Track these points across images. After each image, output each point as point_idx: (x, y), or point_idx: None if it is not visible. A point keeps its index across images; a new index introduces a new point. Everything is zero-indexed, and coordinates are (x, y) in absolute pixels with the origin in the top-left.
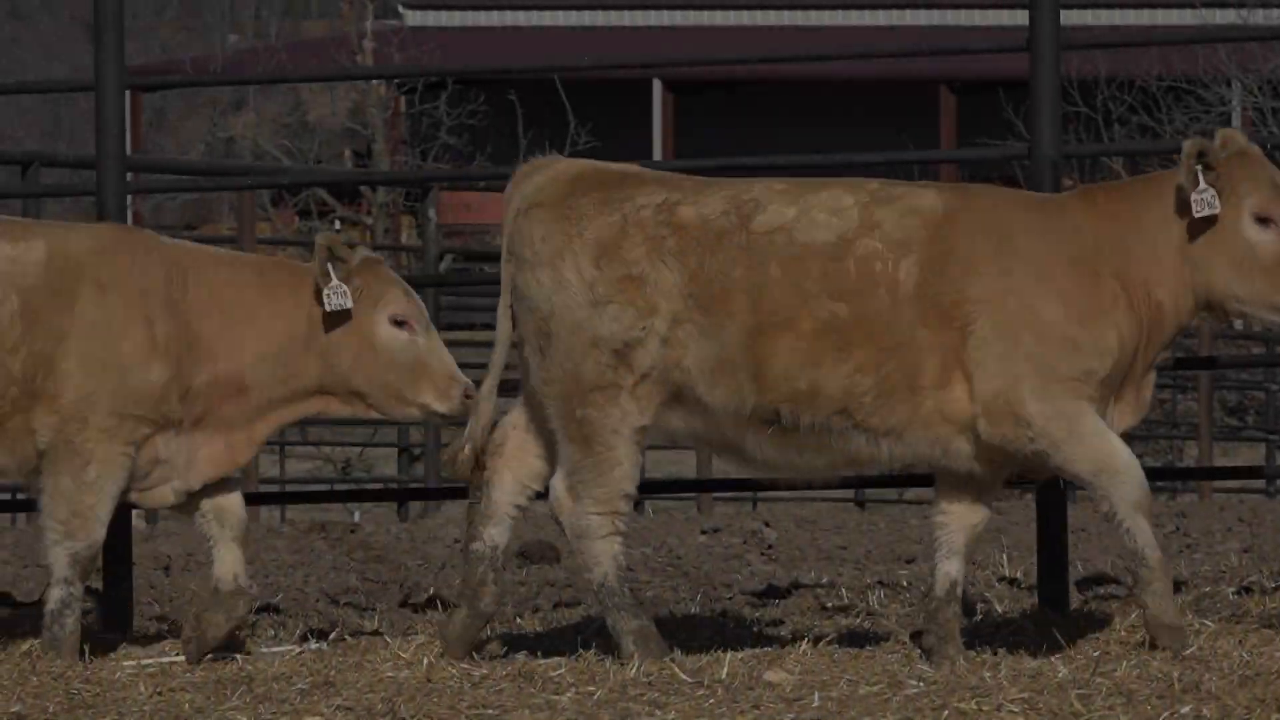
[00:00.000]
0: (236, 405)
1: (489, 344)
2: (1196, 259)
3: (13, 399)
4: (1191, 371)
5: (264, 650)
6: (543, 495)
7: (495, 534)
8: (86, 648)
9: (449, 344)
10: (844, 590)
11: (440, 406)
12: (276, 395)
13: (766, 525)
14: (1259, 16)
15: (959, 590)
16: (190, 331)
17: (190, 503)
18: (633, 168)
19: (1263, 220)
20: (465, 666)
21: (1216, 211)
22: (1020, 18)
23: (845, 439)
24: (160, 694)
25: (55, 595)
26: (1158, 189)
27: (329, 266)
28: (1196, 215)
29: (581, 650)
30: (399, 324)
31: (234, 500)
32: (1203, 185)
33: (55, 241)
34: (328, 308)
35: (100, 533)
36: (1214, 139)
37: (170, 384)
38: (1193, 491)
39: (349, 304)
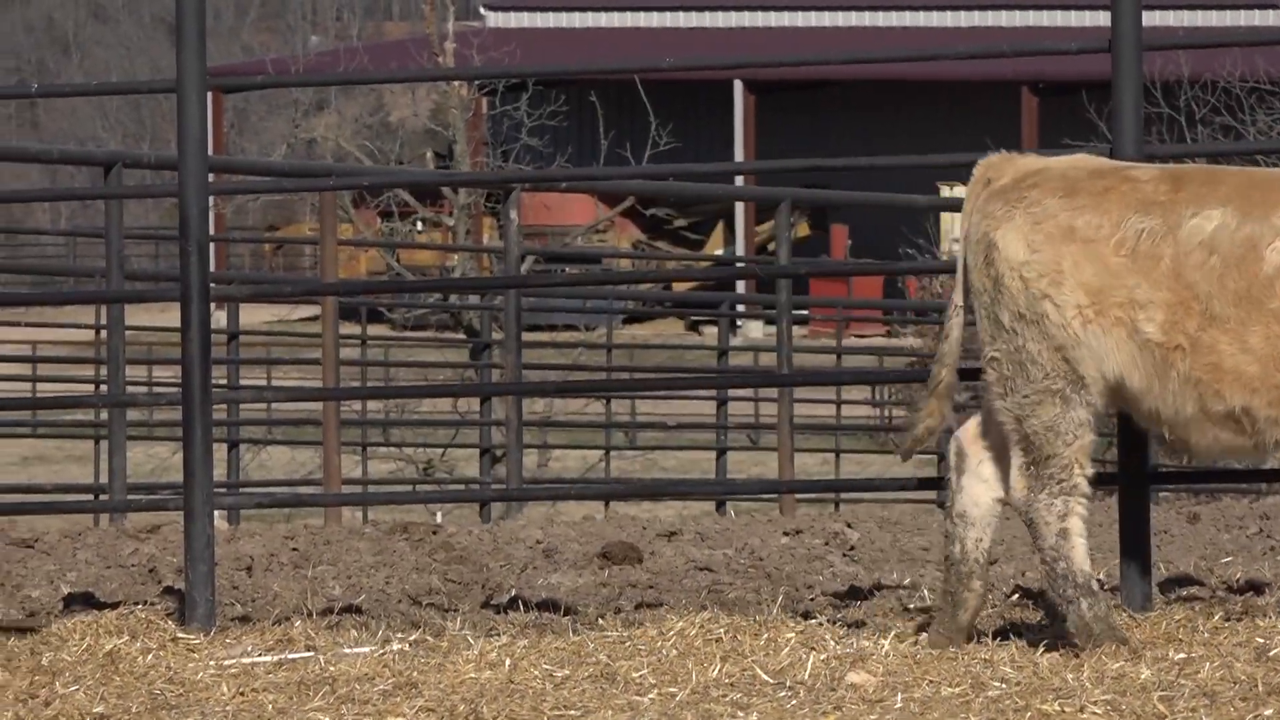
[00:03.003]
0: None
1: (569, 345)
2: None
3: None
4: None
5: (346, 651)
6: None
7: (973, 538)
8: (169, 647)
9: (528, 346)
10: (926, 591)
11: None
12: None
13: (849, 526)
14: None
15: None
16: None
17: None
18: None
19: None
20: (548, 667)
21: None
22: (1102, 18)
23: None
24: (243, 694)
25: None
26: None
27: None
28: None
29: (663, 651)
30: None
31: None
32: None
33: None
34: None
35: None
36: None
37: None
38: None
39: None
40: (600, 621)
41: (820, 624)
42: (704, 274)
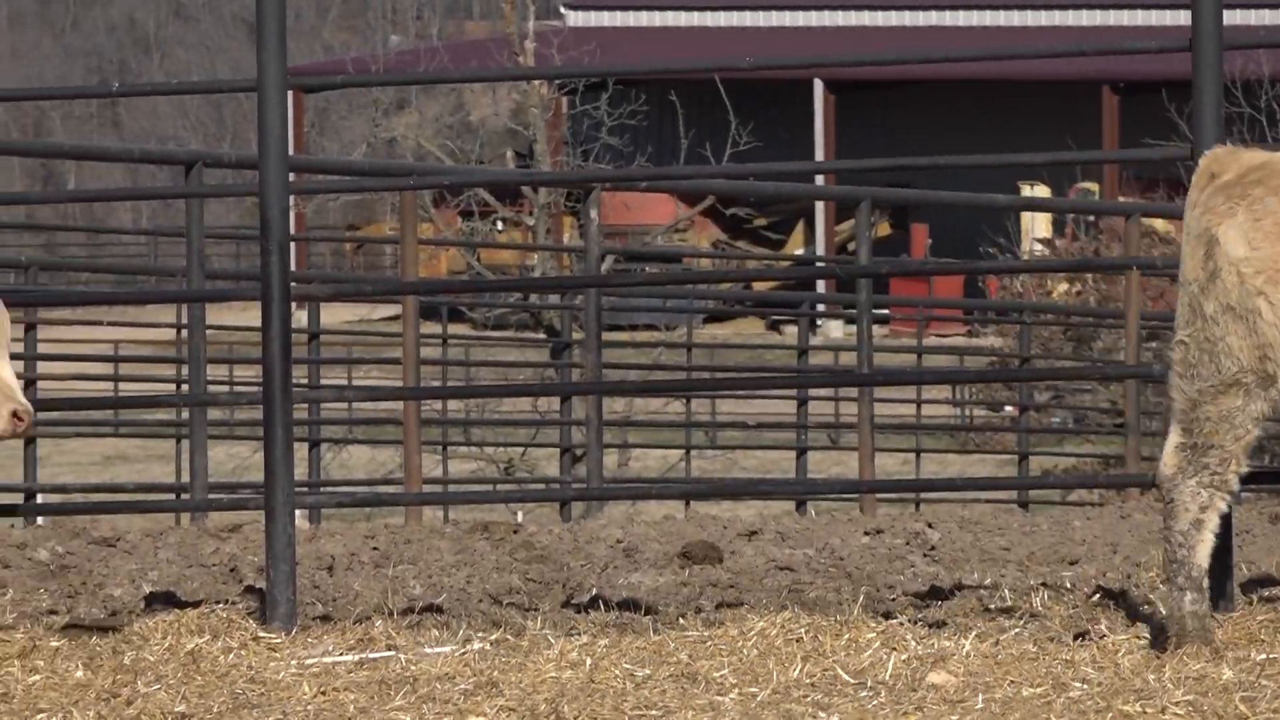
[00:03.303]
0: None
1: (650, 344)
2: None
3: None
4: None
5: (427, 650)
6: None
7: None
8: (251, 646)
9: (608, 345)
10: (1007, 592)
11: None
12: None
13: (929, 526)
14: None
15: None
16: None
17: None
18: None
19: None
20: (629, 667)
21: None
22: (1183, 17)
23: None
24: (324, 694)
25: None
26: None
27: None
28: None
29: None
30: None
31: None
32: None
33: None
34: None
35: None
36: None
37: None
38: None
39: None
40: (681, 621)
41: (901, 624)
42: (784, 273)
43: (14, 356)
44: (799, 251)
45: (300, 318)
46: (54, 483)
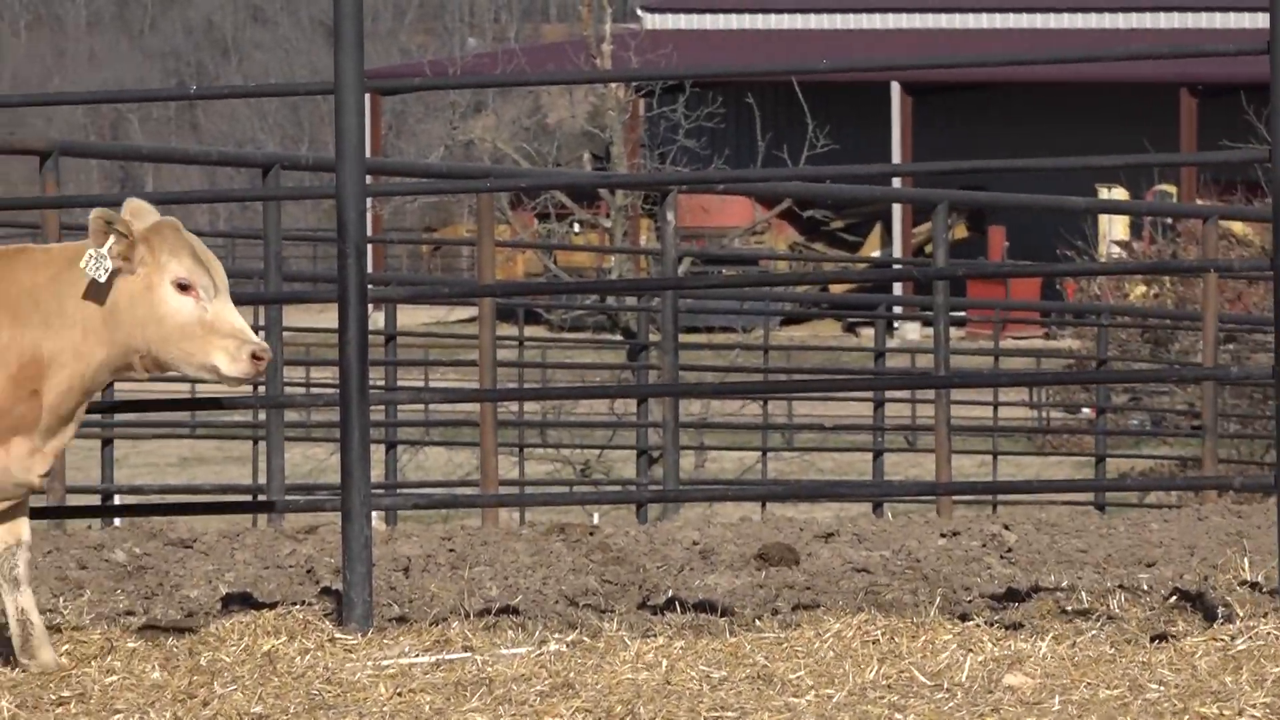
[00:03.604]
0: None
1: (726, 346)
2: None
3: None
4: None
5: (503, 652)
6: None
7: None
8: (327, 647)
9: (685, 347)
10: (1084, 594)
11: (230, 369)
12: None
13: (1006, 528)
14: None
15: None
16: None
17: None
18: None
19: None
20: (705, 669)
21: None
22: (1261, 20)
23: None
24: (400, 695)
25: None
26: None
27: (106, 239)
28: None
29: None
30: (183, 289)
31: None
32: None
33: None
34: (86, 277)
35: None
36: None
37: None
38: None
39: (103, 274)
40: (757, 623)
41: (978, 626)
42: (861, 276)
43: None
44: (876, 254)
45: (377, 319)
46: (131, 484)
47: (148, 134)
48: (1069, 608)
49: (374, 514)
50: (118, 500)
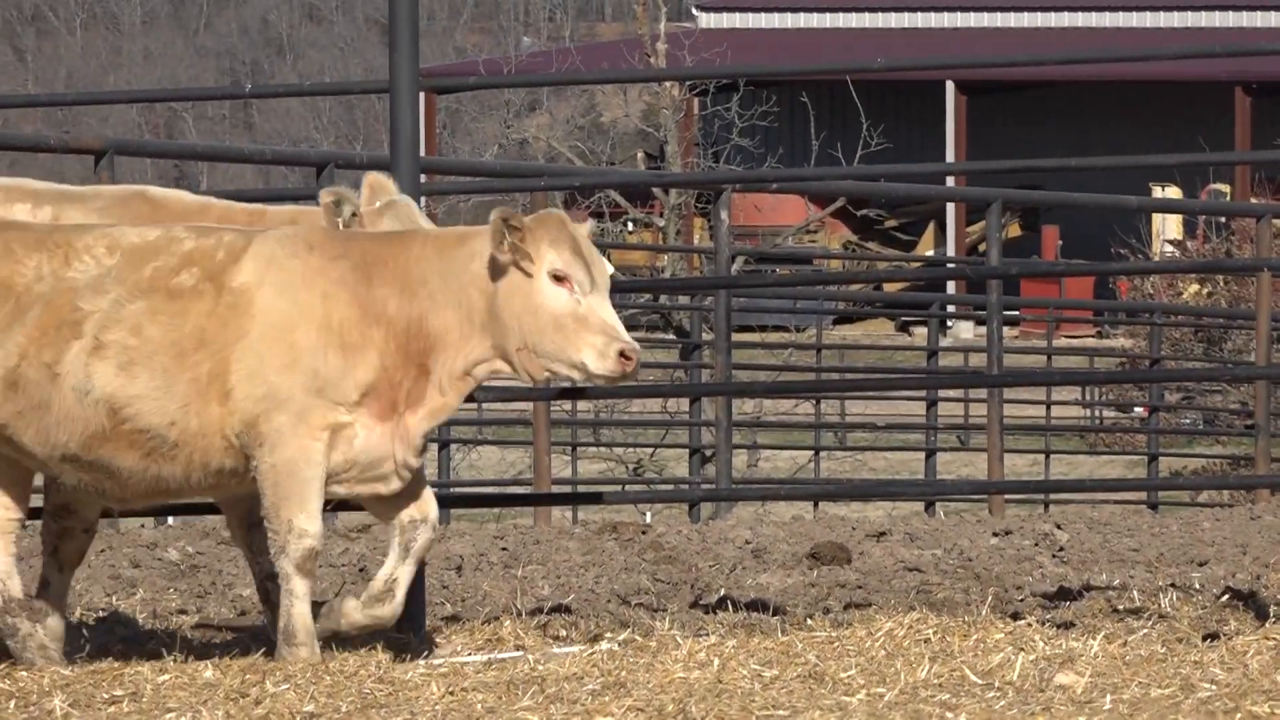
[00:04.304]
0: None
1: (779, 345)
2: None
3: None
4: None
5: (555, 650)
6: None
7: None
8: (379, 646)
9: (738, 346)
10: (1136, 593)
11: (597, 367)
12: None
13: (1058, 527)
14: None
15: None
16: None
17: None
18: None
19: None
20: (756, 667)
21: None
22: None
23: None
24: (452, 694)
25: None
26: None
27: (504, 238)
28: None
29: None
30: (558, 280)
31: None
32: None
33: None
34: (473, 261)
35: None
36: None
37: None
38: None
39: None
40: (809, 621)
41: (1029, 625)
42: (914, 274)
43: None
44: (929, 253)
45: None
46: None
47: (202, 133)
48: (1121, 606)
49: None
50: None
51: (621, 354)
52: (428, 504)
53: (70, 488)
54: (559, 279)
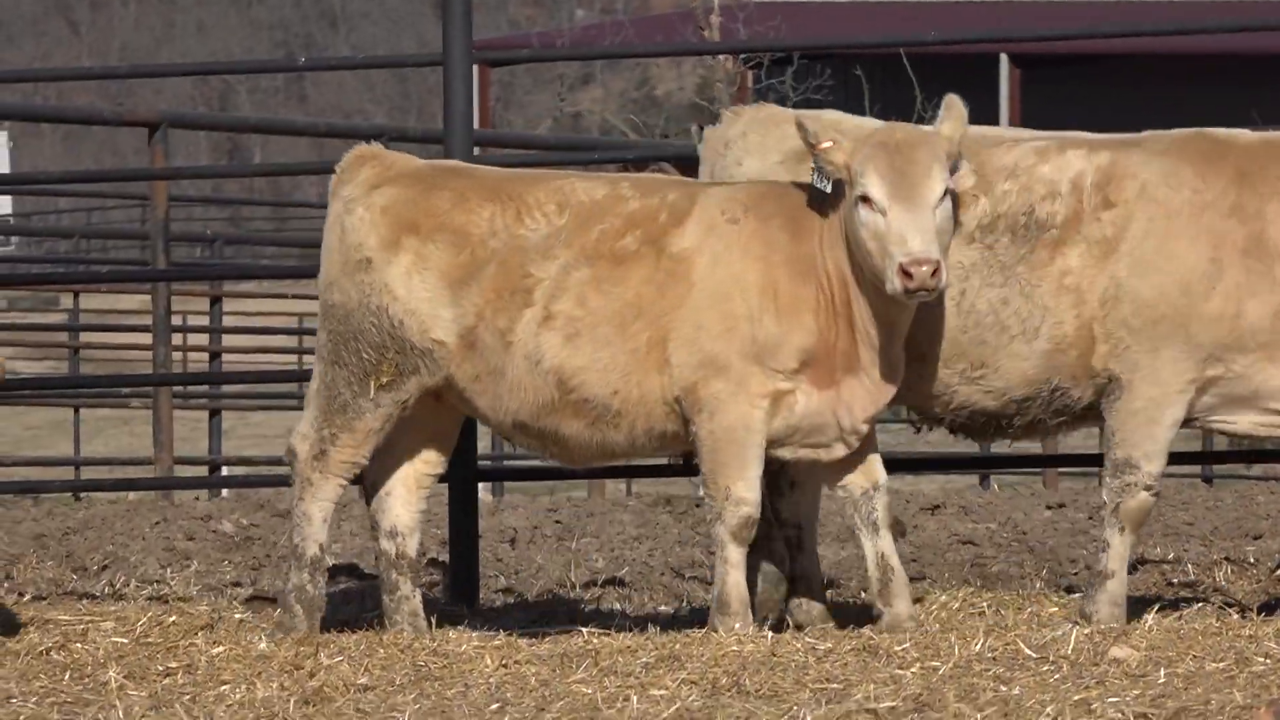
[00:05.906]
0: None
1: None
2: None
3: None
4: None
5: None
6: None
7: None
8: (432, 619)
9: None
10: (1190, 566)
11: (889, 285)
12: None
13: None
14: None
15: None
16: None
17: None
18: None
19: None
20: (810, 640)
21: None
22: None
23: None
24: (506, 666)
25: None
26: None
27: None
28: None
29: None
30: (865, 201)
31: None
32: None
33: None
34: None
35: None
36: None
37: None
38: None
39: (826, 185)
40: (863, 594)
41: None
42: None
43: (199, 329)
44: None
45: None
46: (238, 455)
47: (255, 105)
48: (1175, 580)
49: (480, 485)
50: (225, 472)
51: (901, 269)
52: (875, 468)
53: None
54: (865, 200)
